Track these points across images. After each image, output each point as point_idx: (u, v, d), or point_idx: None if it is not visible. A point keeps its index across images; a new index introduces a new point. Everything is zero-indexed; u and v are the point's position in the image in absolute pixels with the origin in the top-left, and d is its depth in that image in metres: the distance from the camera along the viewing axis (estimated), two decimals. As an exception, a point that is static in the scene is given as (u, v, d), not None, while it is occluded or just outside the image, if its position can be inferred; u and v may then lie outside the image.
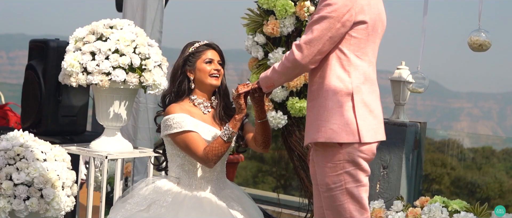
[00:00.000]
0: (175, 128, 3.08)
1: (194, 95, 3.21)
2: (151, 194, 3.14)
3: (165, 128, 3.13)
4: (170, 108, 3.15)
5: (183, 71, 3.20)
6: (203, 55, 3.20)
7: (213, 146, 3.04)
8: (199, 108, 3.20)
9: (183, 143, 3.08)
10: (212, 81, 3.19)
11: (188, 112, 3.14)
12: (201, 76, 3.18)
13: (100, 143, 3.89)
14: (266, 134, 3.14)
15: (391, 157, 4.66)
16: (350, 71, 2.69)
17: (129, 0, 4.95)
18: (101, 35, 3.76)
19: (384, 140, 2.81)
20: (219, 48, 3.26)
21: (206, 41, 3.26)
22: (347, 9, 2.64)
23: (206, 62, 3.19)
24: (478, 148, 14.57)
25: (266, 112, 3.16)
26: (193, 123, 3.10)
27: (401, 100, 4.83)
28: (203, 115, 3.18)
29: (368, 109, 2.70)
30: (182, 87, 3.20)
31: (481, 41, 3.51)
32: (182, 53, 3.25)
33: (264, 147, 3.18)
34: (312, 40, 2.66)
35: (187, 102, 3.19)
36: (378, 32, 2.77)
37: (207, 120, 3.18)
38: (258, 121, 3.11)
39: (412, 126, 4.73)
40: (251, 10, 4.53)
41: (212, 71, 3.19)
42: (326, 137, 2.67)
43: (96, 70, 3.68)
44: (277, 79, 2.81)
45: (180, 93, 3.20)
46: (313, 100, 2.74)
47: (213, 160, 3.05)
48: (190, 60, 3.20)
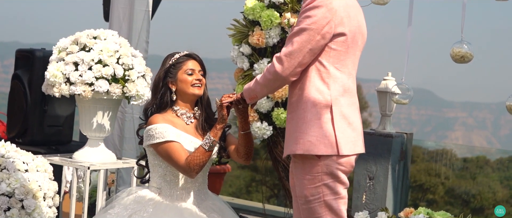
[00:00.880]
0: (158, 138, 3.07)
1: (177, 106, 3.20)
2: (132, 204, 3.13)
3: (148, 138, 3.12)
4: (153, 118, 3.14)
5: (165, 83, 3.19)
6: (184, 66, 3.19)
7: (194, 156, 3.04)
8: (182, 119, 3.19)
9: (165, 153, 3.08)
10: (194, 90, 3.17)
11: (170, 122, 3.13)
12: (183, 87, 3.17)
13: (83, 153, 3.88)
14: (248, 145, 3.13)
15: (377, 168, 4.66)
16: (329, 83, 2.69)
17: (115, 10, 4.94)
18: (84, 45, 3.75)
19: (363, 152, 2.81)
20: (199, 58, 3.25)
21: (186, 51, 3.25)
22: (326, 21, 2.64)
23: (187, 73, 3.17)
24: (472, 158, 14.58)
25: (249, 124, 3.15)
26: (176, 133, 3.10)
27: (387, 111, 4.84)
28: (185, 126, 3.17)
29: (347, 121, 2.70)
30: (165, 99, 3.18)
31: (463, 53, 3.51)
32: (163, 65, 3.24)
33: (246, 159, 3.17)
34: (293, 52, 2.66)
35: (170, 113, 3.19)
36: (358, 44, 2.77)
37: (190, 131, 3.17)
38: (241, 132, 3.11)
39: (398, 137, 4.73)
40: (237, 20, 4.54)
41: (193, 81, 3.17)
42: (304, 149, 2.67)
43: (79, 80, 3.67)
44: (259, 91, 2.81)
45: (162, 105, 3.19)
46: (292, 112, 2.74)
47: (195, 170, 3.04)
48: (171, 72, 3.19)
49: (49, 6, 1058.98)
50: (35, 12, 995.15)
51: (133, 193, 3.21)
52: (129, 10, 4.89)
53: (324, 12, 2.63)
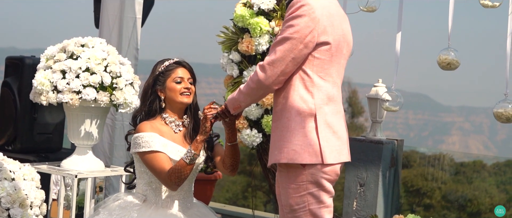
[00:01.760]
0: (144, 146, 3.06)
1: (165, 113, 3.18)
2: (117, 210, 3.12)
3: (134, 146, 3.11)
4: (141, 126, 3.13)
5: (154, 91, 3.17)
6: (173, 74, 3.17)
7: (175, 169, 3.01)
8: (170, 127, 3.17)
9: (149, 162, 3.07)
10: (183, 99, 3.16)
11: (158, 130, 3.11)
12: (172, 95, 3.15)
13: (71, 161, 3.87)
14: (235, 157, 3.12)
15: (367, 175, 4.66)
16: (313, 92, 2.68)
17: (105, 17, 4.94)
18: (72, 53, 3.74)
19: (349, 161, 2.80)
20: (189, 65, 3.23)
21: (176, 58, 3.23)
22: (309, 30, 2.63)
23: (176, 82, 3.16)
24: (469, 162, 14.59)
25: (237, 135, 3.13)
26: (162, 142, 3.08)
27: (378, 118, 4.83)
28: (173, 134, 3.16)
29: (332, 129, 2.69)
30: (153, 107, 3.17)
31: (449, 60, 3.52)
32: (153, 72, 3.22)
33: (231, 170, 3.16)
34: (275, 61, 2.66)
35: (159, 121, 3.17)
36: (343, 53, 2.77)
37: (178, 140, 3.15)
38: (228, 144, 3.09)
39: (389, 144, 4.73)
40: (227, 27, 4.53)
41: (182, 90, 3.16)
42: (288, 158, 2.66)
43: (66, 88, 3.66)
44: (243, 101, 2.80)
45: (151, 113, 3.18)
46: (277, 121, 2.74)
47: (176, 183, 3.03)
48: (160, 80, 3.17)
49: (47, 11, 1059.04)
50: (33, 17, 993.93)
51: (119, 199, 3.19)
52: (119, 17, 4.89)
53: (307, 22, 2.63)
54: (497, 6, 3.46)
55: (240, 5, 4.43)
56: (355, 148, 4.73)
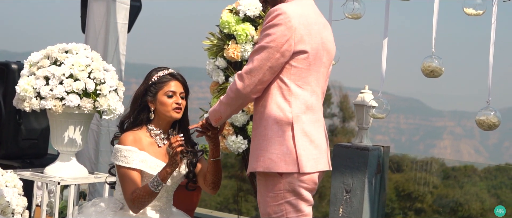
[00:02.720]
0: (121, 161, 3.03)
1: (152, 125, 3.13)
2: (93, 215, 3.10)
3: (113, 156, 3.09)
4: (124, 137, 3.08)
5: (144, 101, 3.11)
6: (165, 87, 3.10)
7: (140, 194, 2.97)
8: (154, 140, 3.12)
9: (121, 177, 3.05)
10: (173, 114, 3.10)
11: (140, 144, 3.06)
12: (162, 109, 3.09)
13: (54, 168, 3.85)
14: (217, 173, 3.09)
15: (353, 181, 4.66)
16: (290, 100, 2.67)
17: (91, 22, 4.92)
18: (55, 59, 3.73)
19: (327, 169, 2.79)
20: (183, 78, 3.16)
21: (171, 70, 3.16)
22: (285, 39, 2.63)
23: (168, 96, 3.09)
24: (460, 167, 14.64)
25: (220, 150, 3.10)
26: (141, 158, 3.03)
27: (365, 124, 4.84)
28: (156, 148, 3.11)
29: (309, 138, 2.68)
30: (140, 117, 3.12)
31: (433, 67, 3.52)
32: (145, 80, 3.15)
33: (212, 188, 3.12)
34: (253, 70, 2.66)
35: (144, 132, 3.12)
36: (323, 61, 2.76)
37: (160, 154, 3.10)
38: (211, 159, 3.06)
39: (375, 150, 4.73)
40: (213, 33, 4.52)
41: (173, 105, 3.09)
42: (265, 166, 2.66)
43: (50, 95, 3.65)
44: (223, 111, 2.79)
45: (137, 122, 3.13)
46: (255, 130, 2.73)
47: (137, 207, 2.99)
48: (151, 91, 3.10)
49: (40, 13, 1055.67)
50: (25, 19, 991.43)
51: (96, 204, 3.18)
52: (105, 23, 4.87)
53: (283, 30, 2.63)
54: (481, 14, 3.47)
55: (226, 11, 4.43)
56: (341, 154, 4.73)
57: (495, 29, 3.38)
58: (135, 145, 3.05)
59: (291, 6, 2.68)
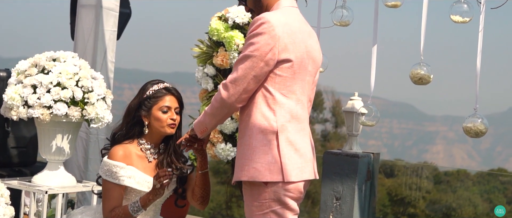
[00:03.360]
0: (107, 175, 3.01)
1: (143, 139, 3.09)
2: None
3: (101, 168, 3.07)
4: (114, 152, 3.04)
5: (138, 115, 3.07)
6: (160, 101, 3.06)
7: (118, 214, 2.95)
8: (145, 154, 3.09)
9: (105, 191, 3.03)
10: (167, 130, 3.06)
11: (129, 158, 3.02)
12: (157, 124, 3.05)
13: (42, 177, 3.83)
14: (205, 187, 3.06)
15: (343, 188, 4.65)
16: (275, 109, 2.67)
17: (80, 29, 4.91)
18: (43, 68, 3.71)
19: (313, 178, 2.78)
20: (178, 93, 3.13)
21: (166, 83, 3.13)
22: (269, 48, 2.63)
23: (163, 111, 3.05)
24: (453, 171, 14.67)
25: (208, 163, 3.07)
26: (129, 174, 3.00)
27: (354, 131, 4.84)
28: (146, 164, 3.08)
29: (294, 147, 2.67)
30: (132, 131, 3.08)
31: (421, 75, 3.52)
32: (140, 93, 3.11)
33: (201, 203, 3.08)
34: (237, 79, 2.65)
35: (134, 146, 3.08)
36: (308, 69, 2.75)
37: (149, 169, 3.07)
38: (199, 172, 3.03)
39: (365, 157, 4.73)
40: (202, 41, 4.52)
41: (168, 121, 3.06)
42: (249, 175, 2.65)
43: (37, 103, 3.63)
44: (209, 122, 2.78)
45: (129, 135, 3.09)
46: (240, 139, 2.72)
47: None
48: (146, 105, 3.06)
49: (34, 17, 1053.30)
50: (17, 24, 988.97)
51: (84, 212, 3.16)
52: (94, 30, 4.86)
53: (267, 39, 2.62)
54: (468, 21, 3.47)
55: (215, 19, 4.43)
56: (331, 161, 4.73)
57: (482, 37, 3.38)
58: (124, 160, 3.02)
59: (275, 15, 2.68)
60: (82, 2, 4.93)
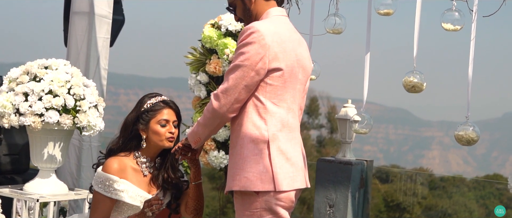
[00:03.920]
0: (99, 187, 3.00)
1: (139, 152, 3.07)
2: None
3: (94, 179, 3.06)
4: (109, 164, 3.02)
5: (135, 129, 3.05)
6: (158, 115, 3.04)
7: None
8: (140, 168, 3.07)
9: (94, 202, 3.02)
10: (166, 144, 3.04)
11: (124, 172, 3.01)
12: (155, 138, 3.04)
13: (33, 185, 3.81)
14: (199, 199, 3.04)
15: (337, 196, 4.65)
16: (266, 118, 2.66)
17: (73, 36, 4.90)
18: (35, 75, 3.70)
19: (304, 187, 2.78)
20: (176, 106, 3.11)
21: (163, 96, 3.11)
22: (260, 57, 2.63)
23: (161, 124, 3.04)
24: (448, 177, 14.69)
25: (201, 174, 3.06)
26: (122, 188, 2.99)
27: (348, 139, 4.83)
28: (141, 177, 3.06)
29: (285, 156, 2.67)
30: (129, 145, 3.06)
31: (414, 83, 3.52)
32: (137, 106, 3.08)
33: (195, 215, 3.06)
34: (228, 89, 2.65)
35: (130, 159, 3.06)
36: (299, 78, 2.75)
37: (143, 184, 3.06)
38: (193, 183, 3.02)
39: (358, 164, 4.72)
40: (195, 48, 4.52)
41: (167, 134, 3.04)
42: (241, 185, 2.65)
43: (29, 111, 3.62)
44: (202, 133, 2.78)
45: (126, 149, 3.08)
46: (232, 149, 2.72)
47: None
48: (143, 118, 3.04)
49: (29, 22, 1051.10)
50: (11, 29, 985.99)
51: None
52: (88, 37, 4.85)
53: (257, 48, 2.62)
54: (459, 29, 3.48)
55: (208, 26, 4.43)
56: (324, 168, 4.73)
57: (474, 46, 3.39)
58: (119, 173, 3.00)
59: (265, 24, 2.68)
60: (75, 9, 4.92)
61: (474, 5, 3.41)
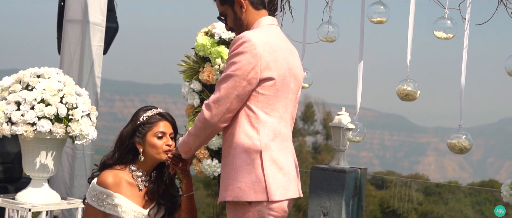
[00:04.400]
0: (92, 200, 2.98)
1: (135, 166, 3.05)
2: None
3: (88, 192, 3.04)
4: (104, 177, 2.99)
5: (131, 142, 3.02)
6: (154, 127, 3.02)
7: None
8: (136, 182, 3.04)
9: (85, 213, 3.02)
10: (163, 156, 3.01)
11: (119, 186, 2.98)
12: (152, 151, 3.01)
13: (26, 194, 3.79)
14: (192, 212, 3.02)
15: (331, 204, 4.64)
16: (258, 128, 2.65)
17: (66, 44, 4.89)
18: (27, 84, 3.69)
19: (297, 196, 2.77)
20: (172, 118, 3.09)
21: (159, 109, 3.09)
22: (251, 67, 2.62)
23: (157, 136, 3.02)
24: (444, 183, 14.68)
25: (192, 186, 3.04)
26: (115, 202, 2.97)
27: (341, 147, 4.83)
28: (136, 191, 3.03)
29: (278, 166, 2.66)
30: (125, 159, 3.04)
31: (408, 91, 3.51)
32: (133, 119, 3.06)
33: None
34: (220, 99, 2.64)
35: (126, 172, 3.04)
36: (290, 87, 2.75)
37: (138, 197, 3.03)
38: (185, 195, 3.00)
39: (352, 172, 4.71)
40: (188, 56, 4.51)
41: (164, 147, 3.02)
42: (234, 195, 2.63)
43: (21, 120, 3.60)
44: (192, 143, 2.76)
45: (122, 162, 3.06)
46: (224, 159, 2.71)
47: None
48: (140, 132, 3.02)
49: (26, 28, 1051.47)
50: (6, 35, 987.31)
51: None
52: (81, 45, 4.84)
53: (249, 58, 2.61)
54: (451, 38, 3.47)
55: (202, 34, 4.43)
56: (318, 176, 4.72)
57: (466, 54, 3.38)
58: (114, 187, 2.98)
59: (256, 33, 2.67)
60: (68, 17, 4.91)
61: (467, 13, 3.41)
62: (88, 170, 4.83)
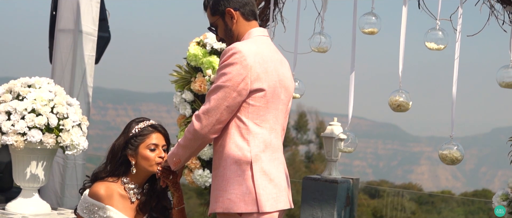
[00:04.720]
0: (84, 212, 2.97)
1: (127, 178, 3.02)
2: None
3: (80, 203, 3.02)
4: (96, 189, 2.97)
5: (124, 155, 3.00)
6: (147, 139, 2.99)
7: None
8: (128, 194, 3.02)
9: None
10: (156, 169, 2.98)
11: (111, 198, 2.96)
12: (144, 164, 2.98)
13: (16, 204, 3.77)
14: None
15: (322, 214, 4.64)
16: (249, 139, 2.65)
17: (58, 54, 4.87)
18: (18, 94, 3.67)
19: (288, 208, 2.76)
20: (164, 130, 3.07)
21: (152, 121, 3.07)
22: (241, 78, 2.61)
23: (150, 149, 2.99)
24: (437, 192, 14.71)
25: (183, 198, 3.02)
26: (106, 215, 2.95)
27: (333, 157, 4.83)
28: (128, 203, 3.01)
29: (268, 177, 2.66)
30: (117, 171, 3.01)
31: (400, 102, 3.52)
32: (125, 131, 3.04)
33: None
34: (210, 110, 2.63)
35: (118, 185, 3.01)
36: (281, 98, 2.74)
37: (129, 210, 3.01)
38: (175, 209, 2.99)
39: (344, 183, 4.72)
40: (180, 66, 4.51)
41: (156, 159, 2.99)
42: (224, 207, 2.62)
43: (11, 130, 3.58)
44: (182, 154, 2.75)
45: (115, 174, 3.03)
46: (215, 170, 2.70)
47: None
48: (132, 144, 2.99)
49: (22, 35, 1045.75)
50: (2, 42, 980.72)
51: None
52: (72, 55, 4.83)
53: (239, 69, 2.61)
54: (442, 49, 3.49)
55: (194, 44, 4.42)
56: (310, 187, 4.71)
57: (458, 66, 3.39)
58: (106, 199, 2.96)
59: (247, 45, 2.67)
60: (60, 26, 4.90)
61: (458, 25, 3.42)
62: (79, 180, 4.80)
